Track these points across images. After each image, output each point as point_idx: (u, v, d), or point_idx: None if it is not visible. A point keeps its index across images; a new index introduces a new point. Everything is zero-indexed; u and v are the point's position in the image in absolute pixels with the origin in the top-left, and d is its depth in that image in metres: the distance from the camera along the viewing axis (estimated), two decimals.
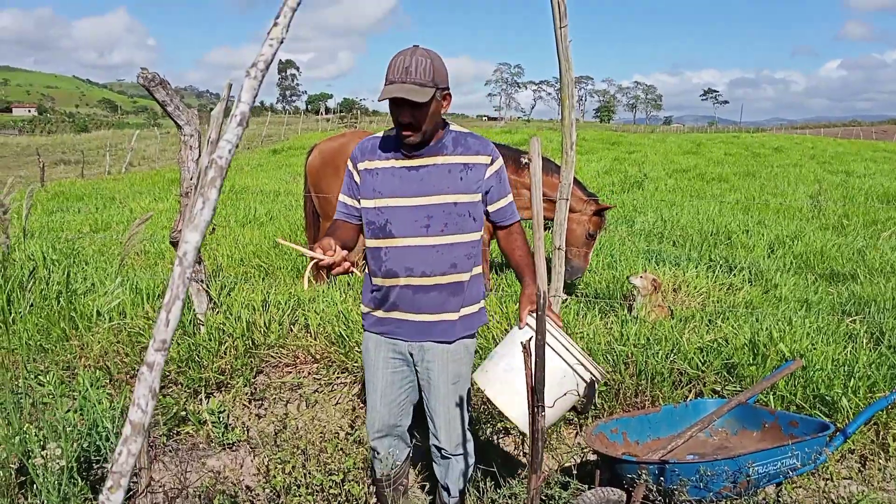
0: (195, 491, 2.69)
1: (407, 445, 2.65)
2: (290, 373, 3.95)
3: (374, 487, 2.65)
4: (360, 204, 2.39)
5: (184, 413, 3.49)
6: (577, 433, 3.50)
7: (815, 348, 3.65)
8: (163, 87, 3.44)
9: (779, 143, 31.35)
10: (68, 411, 2.84)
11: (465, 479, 2.57)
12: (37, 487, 2.34)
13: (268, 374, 3.94)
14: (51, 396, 3.08)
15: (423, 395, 2.52)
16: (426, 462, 2.87)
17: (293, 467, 2.36)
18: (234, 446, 3.43)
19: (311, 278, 2.09)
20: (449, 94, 2.27)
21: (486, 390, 2.31)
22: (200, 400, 3.69)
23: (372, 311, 2.48)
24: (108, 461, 2.68)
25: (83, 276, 5.11)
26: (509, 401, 2.22)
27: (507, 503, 2.38)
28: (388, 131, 2.40)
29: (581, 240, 5.33)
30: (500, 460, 2.70)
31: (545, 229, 3.87)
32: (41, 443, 2.48)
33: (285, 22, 0.75)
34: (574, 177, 4.12)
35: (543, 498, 2.49)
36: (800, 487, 2.93)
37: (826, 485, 2.97)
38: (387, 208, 2.31)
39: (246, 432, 3.50)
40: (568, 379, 2.25)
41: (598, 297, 5.24)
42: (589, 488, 2.48)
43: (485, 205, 2.41)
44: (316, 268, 2.09)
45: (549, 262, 3.92)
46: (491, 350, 2.54)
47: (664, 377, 3.46)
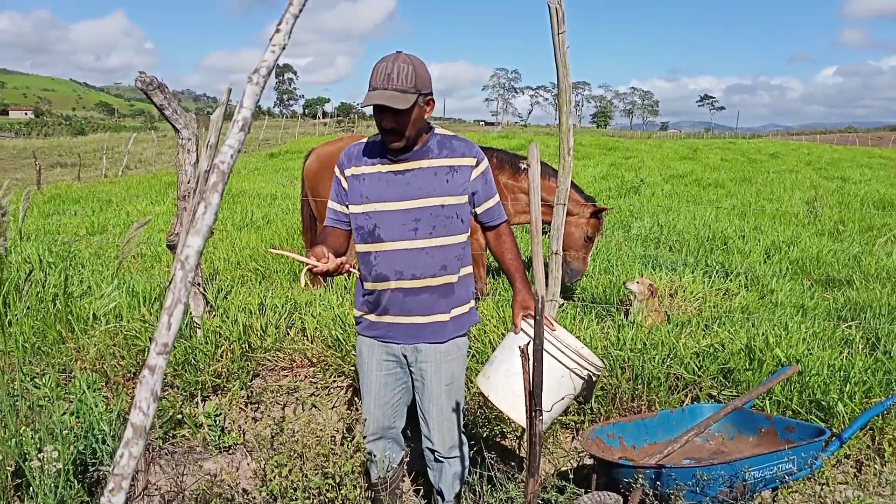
0: (192, 494, 2.69)
1: (401, 448, 2.66)
2: (287, 376, 3.95)
3: (370, 491, 2.65)
4: (348, 210, 2.40)
5: (180, 416, 3.48)
6: (573, 437, 3.50)
7: (811, 354, 3.66)
8: (161, 91, 3.45)
9: (775, 149, 31.42)
10: (64, 414, 2.83)
11: (460, 483, 2.56)
12: (33, 490, 2.33)
13: (264, 378, 3.94)
14: (47, 399, 3.08)
15: (416, 397, 2.52)
16: (421, 468, 2.87)
17: (290, 471, 2.36)
18: (230, 450, 3.42)
19: (308, 281, 2.12)
20: (432, 100, 2.29)
21: (489, 395, 2.38)
22: (197, 403, 3.68)
23: (364, 314, 2.49)
24: (104, 464, 2.67)
25: (79, 279, 5.10)
26: (513, 405, 2.29)
27: None
28: (373, 137, 2.41)
29: (580, 242, 5.34)
30: (496, 464, 2.69)
31: (543, 234, 3.88)
32: (38, 445, 2.47)
33: (287, 28, 0.75)
34: (571, 181, 4.13)
35: (540, 502, 2.49)
36: (796, 492, 2.94)
37: (822, 489, 2.97)
38: (375, 213, 2.33)
39: (242, 436, 3.50)
40: (566, 379, 2.30)
41: (594, 302, 5.24)
42: (585, 492, 2.48)
43: (472, 206, 2.43)
44: (311, 273, 2.11)
45: (546, 266, 3.92)
46: (489, 354, 2.57)
47: (661, 382, 3.47)
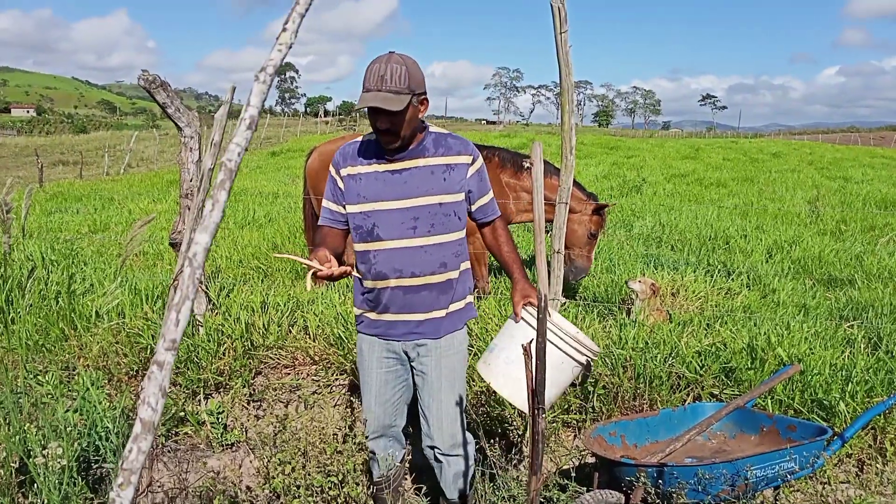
0: (195, 491, 2.70)
1: (403, 446, 2.66)
2: (289, 374, 3.96)
3: (372, 489, 2.65)
4: (345, 210, 2.41)
5: (182, 414, 3.49)
6: (575, 436, 3.50)
7: (812, 353, 3.66)
8: (164, 90, 3.45)
9: (777, 148, 31.38)
10: (67, 411, 2.84)
11: (464, 482, 2.56)
12: (37, 487, 2.34)
13: (266, 376, 3.95)
14: (50, 396, 3.09)
15: (417, 394, 2.53)
16: (423, 466, 2.87)
17: (293, 469, 2.37)
18: (233, 447, 3.43)
19: (312, 283, 2.13)
20: (426, 99, 2.29)
21: (490, 382, 2.41)
22: (199, 401, 3.69)
23: (364, 313, 2.50)
24: (107, 461, 2.68)
25: (82, 277, 5.11)
26: (513, 392, 2.32)
27: None
28: (368, 136, 2.42)
29: (583, 240, 5.34)
30: (497, 461, 2.70)
31: (545, 232, 3.88)
32: (42, 442, 2.48)
33: (294, 27, 0.76)
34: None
35: (542, 500, 2.50)
36: (797, 491, 2.94)
37: (824, 488, 2.98)
38: (373, 212, 2.33)
39: (245, 433, 3.51)
40: (565, 365, 2.32)
41: (596, 301, 5.25)
42: (587, 491, 2.49)
43: (468, 203, 2.44)
44: (313, 275, 2.12)
45: (548, 265, 3.92)
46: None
47: (662, 381, 3.47)
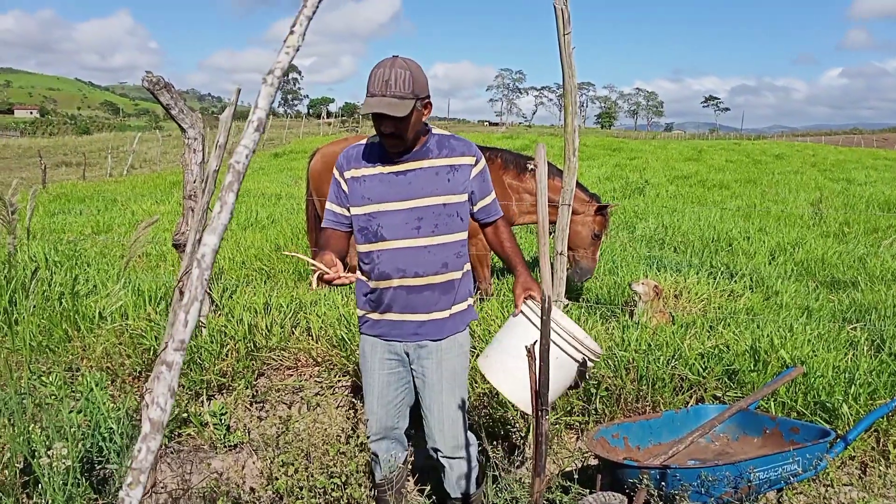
0: (198, 492, 2.70)
1: (405, 448, 2.66)
2: (292, 375, 3.96)
3: (374, 491, 2.65)
4: (349, 212, 2.42)
5: (185, 415, 3.50)
6: (578, 438, 3.50)
7: (815, 355, 3.66)
8: (167, 91, 3.46)
9: (780, 150, 31.35)
10: (71, 412, 2.85)
11: (467, 484, 2.56)
12: (42, 487, 2.35)
13: (269, 377, 3.95)
14: (54, 397, 3.09)
15: (418, 396, 2.53)
16: (426, 468, 2.87)
17: (296, 470, 2.37)
18: (236, 448, 3.44)
19: (316, 284, 2.14)
20: (429, 103, 2.31)
21: (486, 374, 2.40)
22: (202, 402, 3.70)
23: (367, 313, 2.51)
24: (110, 462, 2.68)
25: (85, 278, 5.12)
26: (509, 385, 2.32)
27: None
28: (371, 139, 2.44)
29: (587, 241, 5.34)
30: (500, 463, 2.70)
31: (549, 234, 3.88)
32: (46, 443, 2.48)
33: (301, 30, 0.76)
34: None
35: (545, 502, 2.50)
36: (800, 493, 2.94)
37: (826, 491, 2.97)
38: (378, 213, 2.35)
39: (248, 434, 3.51)
40: (561, 359, 2.30)
41: (599, 303, 5.25)
42: (590, 493, 2.49)
43: (471, 204, 2.46)
44: (319, 277, 2.13)
45: (552, 266, 3.93)
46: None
47: (665, 383, 3.47)
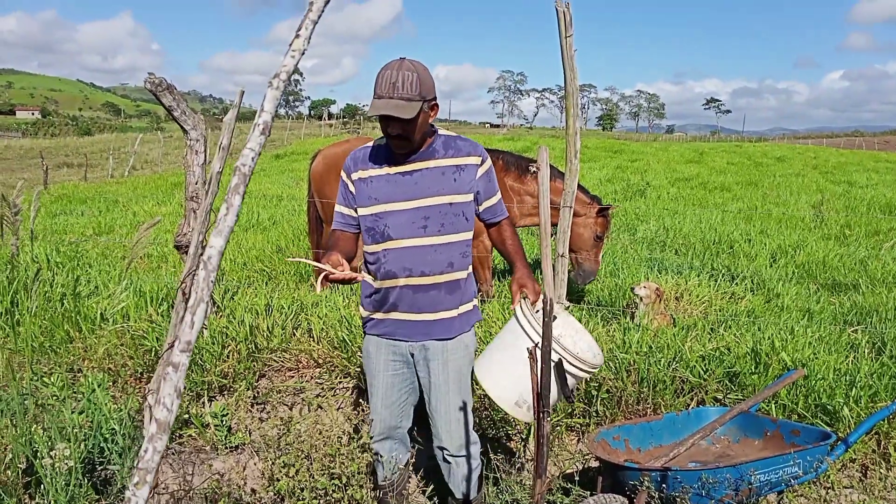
0: (200, 493, 2.70)
1: (408, 449, 2.67)
2: (293, 377, 3.97)
3: (376, 492, 2.66)
4: (357, 213, 2.44)
5: (187, 416, 3.50)
6: (579, 440, 3.51)
7: (816, 358, 3.66)
8: (169, 92, 3.47)
9: (781, 152, 31.35)
10: (73, 413, 2.85)
11: (469, 483, 2.57)
12: (44, 488, 2.35)
13: (270, 378, 3.96)
14: (55, 398, 3.10)
15: (423, 395, 2.54)
16: (429, 468, 2.88)
17: (297, 471, 2.37)
18: (237, 450, 3.44)
19: (320, 286, 2.14)
20: (436, 105, 2.33)
21: (476, 373, 2.39)
22: (203, 403, 3.70)
23: (371, 313, 2.51)
24: (112, 463, 2.69)
25: (87, 279, 5.13)
26: (491, 383, 2.31)
27: None
28: (378, 140, 2.46)
29: (589, 243, 5.35)
30: (501, 465, 2.71)
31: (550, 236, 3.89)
32: (48, 443, 2.49)
33: (307, 34, 0.77)
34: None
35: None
36: (801, 496, 2.94)
37: (827, 493, 2.98)
38: (385, 213, 2.36)
39: (249, 436, 3.51)
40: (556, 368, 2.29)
41: (600, 305, 5.25)
42: (591, 495, 2.49)
43: (476, 204, 2.47)
44: (324, 278, 2.13)
45: (553, 268, 3.93)
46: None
47: (666, 385, 3.47)
